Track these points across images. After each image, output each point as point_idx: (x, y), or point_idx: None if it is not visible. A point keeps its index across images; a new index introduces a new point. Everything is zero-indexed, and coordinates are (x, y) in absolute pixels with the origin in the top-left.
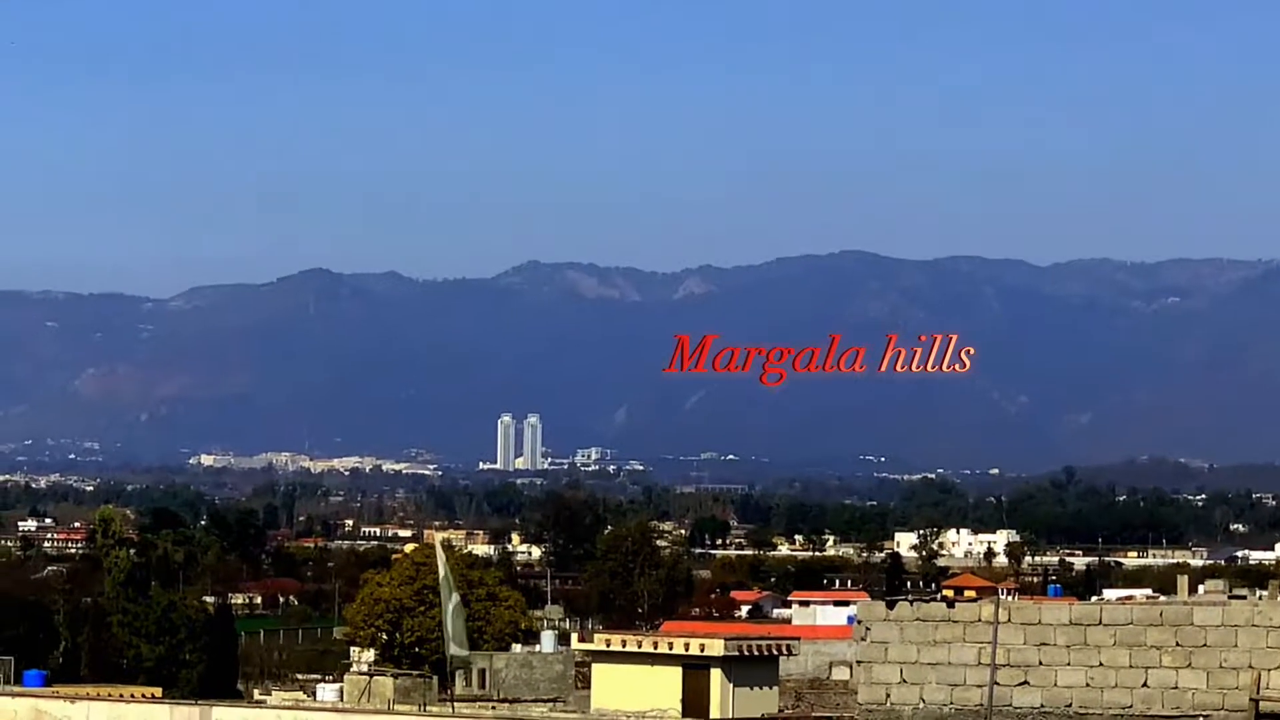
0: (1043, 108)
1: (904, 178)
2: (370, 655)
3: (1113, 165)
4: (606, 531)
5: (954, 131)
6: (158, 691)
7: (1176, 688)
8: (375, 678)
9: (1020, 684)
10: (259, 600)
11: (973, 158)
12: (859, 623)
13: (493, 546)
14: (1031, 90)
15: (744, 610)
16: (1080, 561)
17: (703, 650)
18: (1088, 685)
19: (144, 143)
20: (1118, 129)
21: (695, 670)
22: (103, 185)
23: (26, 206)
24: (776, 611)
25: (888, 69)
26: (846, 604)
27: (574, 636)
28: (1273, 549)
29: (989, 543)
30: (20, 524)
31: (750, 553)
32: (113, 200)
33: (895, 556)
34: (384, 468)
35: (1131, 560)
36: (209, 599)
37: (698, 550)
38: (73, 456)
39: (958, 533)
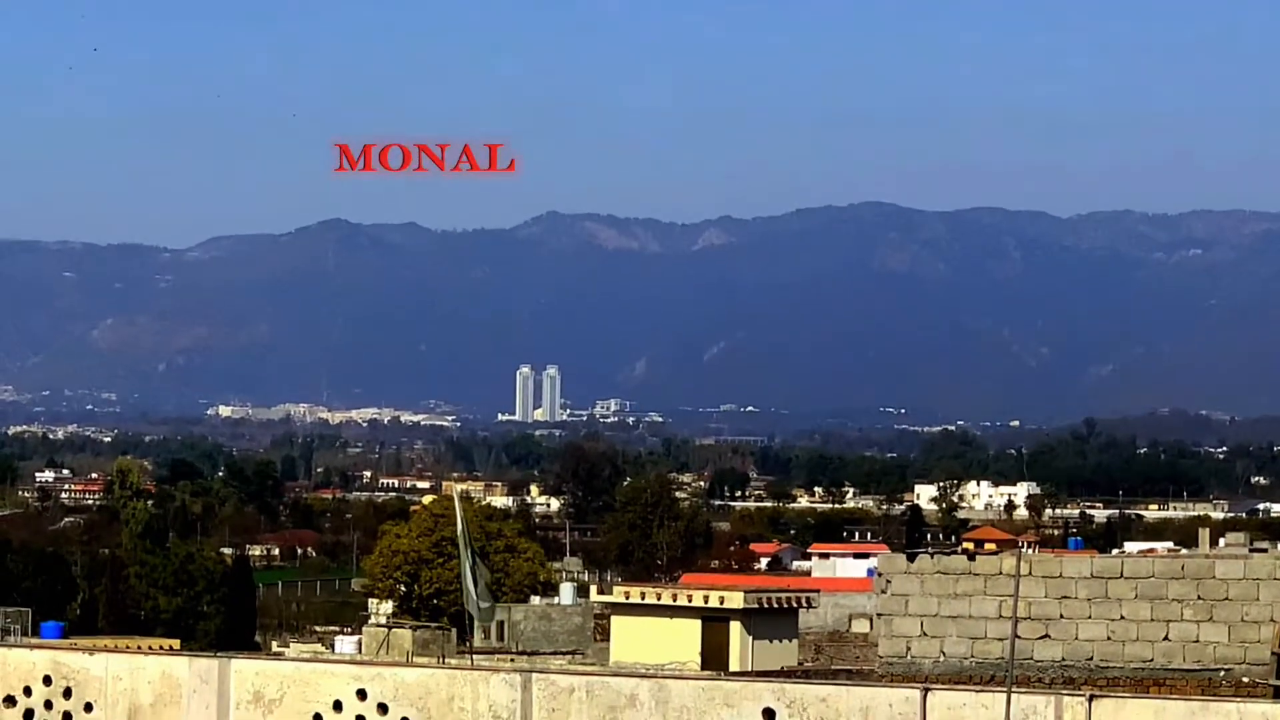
0: (1065, 58)
1: (925, 128)
2: (388, 607)
3: (1134, 116)
4: (625, 483)
5: (975, 82)
6: (176, 643)
7: (1198, 641)
8: (394, 629)
9: (1041, 637)
10: (277, 552)
11: (994, 108)
12: (879, 575)
13: (511, 498)
14: (1053, 41)
15: (763, 562)
16: (1101, 514)
17: (722, 603)
18: (1109, 639)
19: (163, 92)
20: (1139, 79)
21: (714, 623)
22: (121, 134)
23: (44, 156)
24: (796, 564)
25: (909, 18)
26: (866, 556)
27: (593, 589)
28: None
29: (1009, 495)
30: (37, 475)
31: (770, 505)
32: (131, 150)
33: (915, 509)
34: (402, 419)
35: (1153, 513)
36: (227, 550)
37: (717, 502)
38: (90, 407)
39: (978, 485)
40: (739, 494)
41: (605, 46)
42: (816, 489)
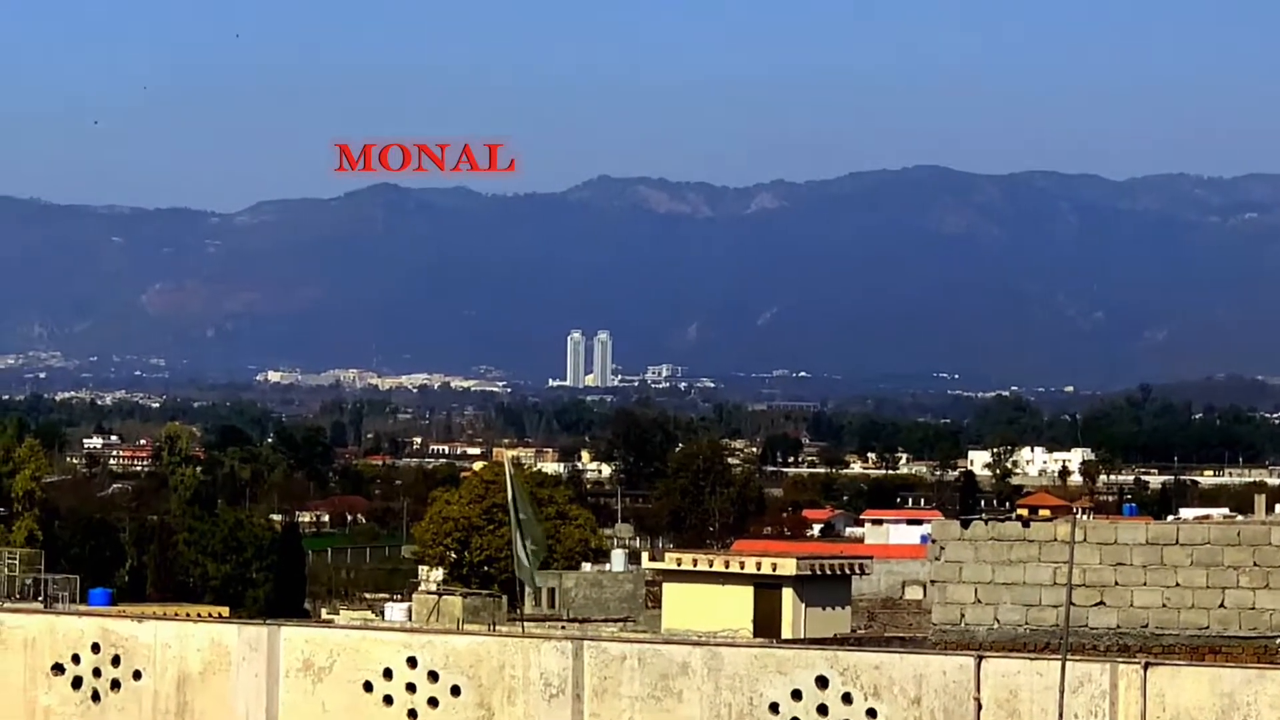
0: (1118, 21)
1: (980, 92)
2: (439, 574)
3: (1189, 79)
4: (677, 449)
5: (1029, 45)
6: (225, 610)
7: (1254, 608)
8: (444, 597)
9: (1096, 604)
10: (326, 518)
11: (1050, 72)
12: (933, 542)
13: (562, 464)
14: (1107, 3)
15: (816, 529)
16: (1156, 480)
17: (774, 569)
18: (1164, 606)
19: (211, 55)
20: (1192, 42)
21: (767, 590)
22: (169, 99)
23: (92, 120)
24: (849, 530)
25: None
26: (920, 523)
27: (644, 555)
28: None
29: (1064, 461)
30: (86, 441)
31: (822, 471)
32: (179, 114)
33: (969, 475)
34: (453, 385)
35: (1208, 479)
36: (276, 517)
37: (769, 468)
38: (139, 373)
39: (1032, 451)
40: (791, 460)
41: (657, 10)
42: (869, 455)
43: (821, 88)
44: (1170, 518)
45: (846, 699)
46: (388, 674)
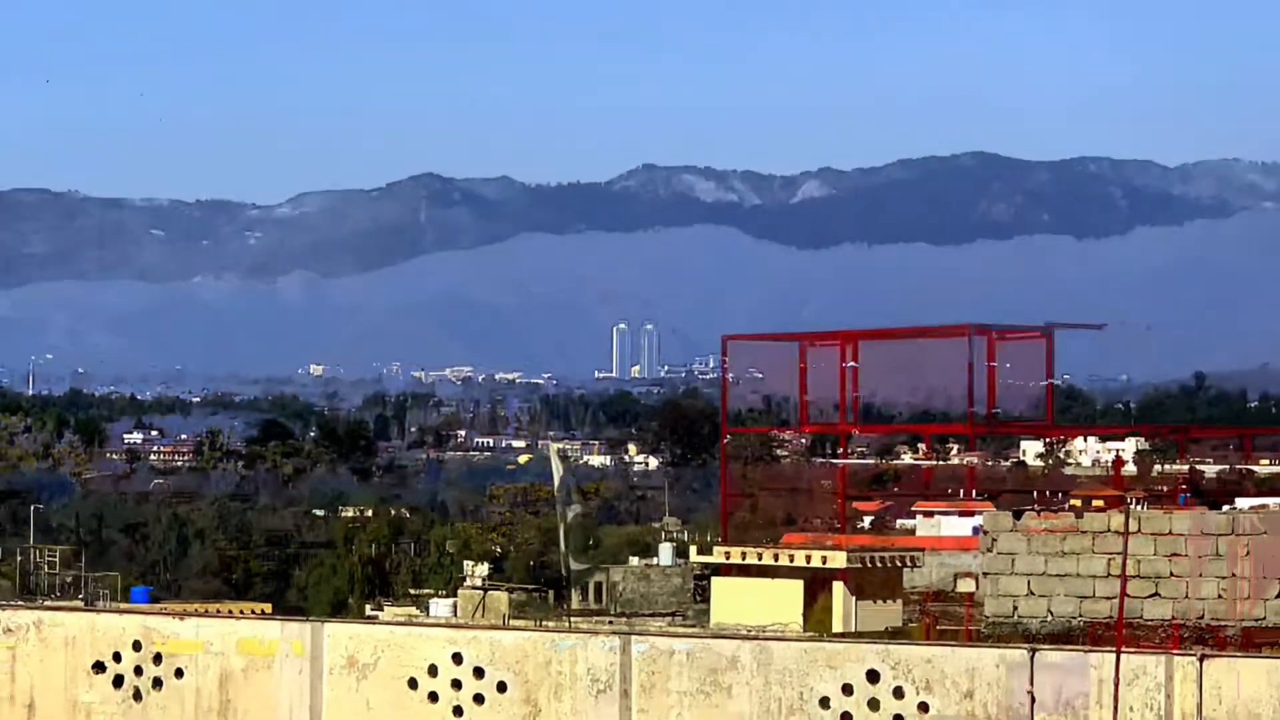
0: (1169, 5)
1: (1029, 77)
2: (484, 569)
3: (1241, 63)
4: (725, 441)
5: (1078, 30)
6: (268, 607)
7: None
8: (490, 592)
9: (1150, 596)
10: (370, 514)
11: (1098, 56)
12: (985, 534)
13: (609, 457)
14: None
15: (866, 521)
16: (1211, 469)
17: (824, 562)
18: (1219, 596)
19: (248, 47)
20: (1244, 25)
21: (817, 583)
22: (207, 89)
23: (130, 113)
24: (900, 522)
25: None
26: (971, 514)
27: (693, 549)
28: None
29: (1117, 450)
30: (126, 436)
31: (873, 462)
32: (218, 105)
33: (1021, 465)
34: (497, 377)
35: (1264, 468)
36: (319, 512)
37: (819, 460)
38: (179, 367)
39: (1085, 440)
40: (841, 451)
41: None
42: (920, 445)
43: (867, 73)
44: (1226, 507)
45: (898, 693)
46: (433, 670)
